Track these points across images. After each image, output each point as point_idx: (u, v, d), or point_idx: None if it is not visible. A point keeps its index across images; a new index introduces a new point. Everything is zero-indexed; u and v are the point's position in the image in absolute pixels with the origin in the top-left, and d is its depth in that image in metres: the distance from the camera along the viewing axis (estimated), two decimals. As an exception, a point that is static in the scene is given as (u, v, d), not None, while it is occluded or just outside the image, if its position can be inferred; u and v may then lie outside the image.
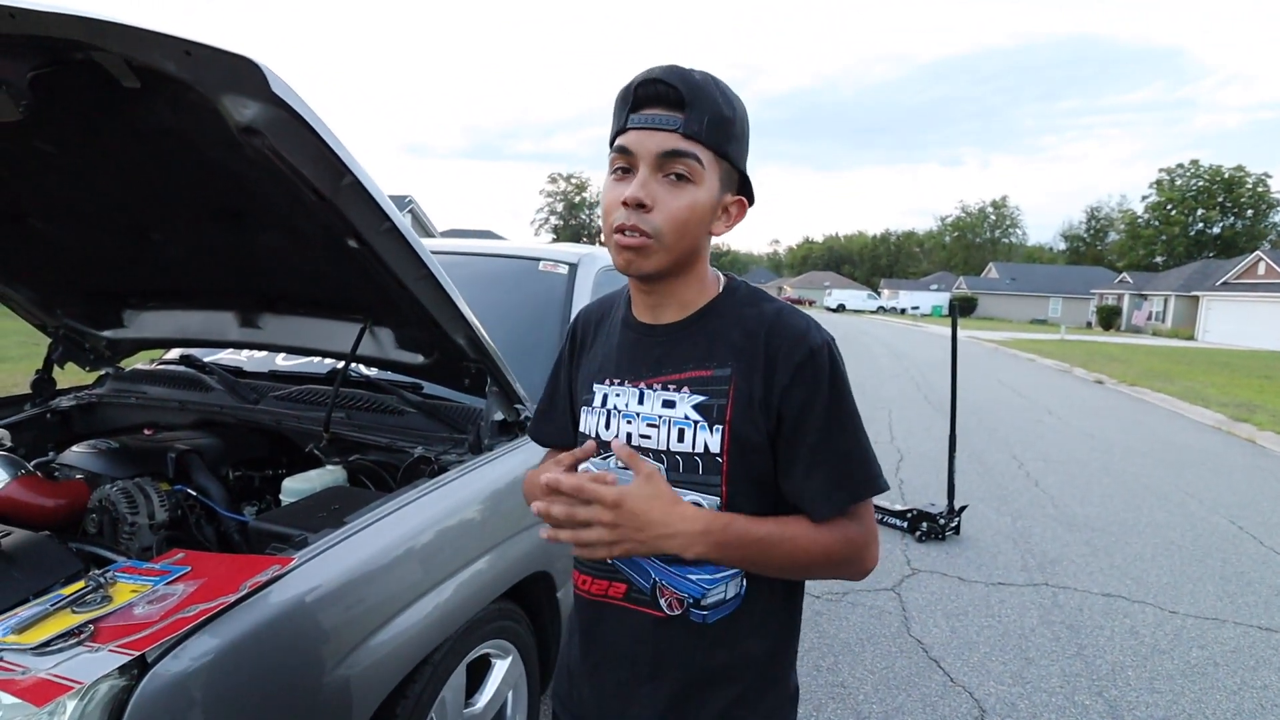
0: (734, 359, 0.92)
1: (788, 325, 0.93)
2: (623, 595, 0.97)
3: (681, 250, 0.90)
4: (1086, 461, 6.50)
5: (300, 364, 2.34)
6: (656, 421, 0.93)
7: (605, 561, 0.95)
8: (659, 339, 0.97)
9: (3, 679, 0.89)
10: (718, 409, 0.91)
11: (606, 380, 0.99)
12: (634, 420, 0.95)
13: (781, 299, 1.00)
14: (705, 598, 0.93)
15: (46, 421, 2.27)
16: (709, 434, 0.90)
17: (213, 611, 1.01)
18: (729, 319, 0.95)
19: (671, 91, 0.86)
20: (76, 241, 1.91)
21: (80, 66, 1.19)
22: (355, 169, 1.23)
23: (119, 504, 1.55)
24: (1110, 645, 3.07)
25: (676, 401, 0.92)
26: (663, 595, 0.95)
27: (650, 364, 0.96)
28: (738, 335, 0.93)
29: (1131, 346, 24.78)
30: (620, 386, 0.97)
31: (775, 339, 0.92)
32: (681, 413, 0.92)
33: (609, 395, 0.98)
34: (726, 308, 0.96)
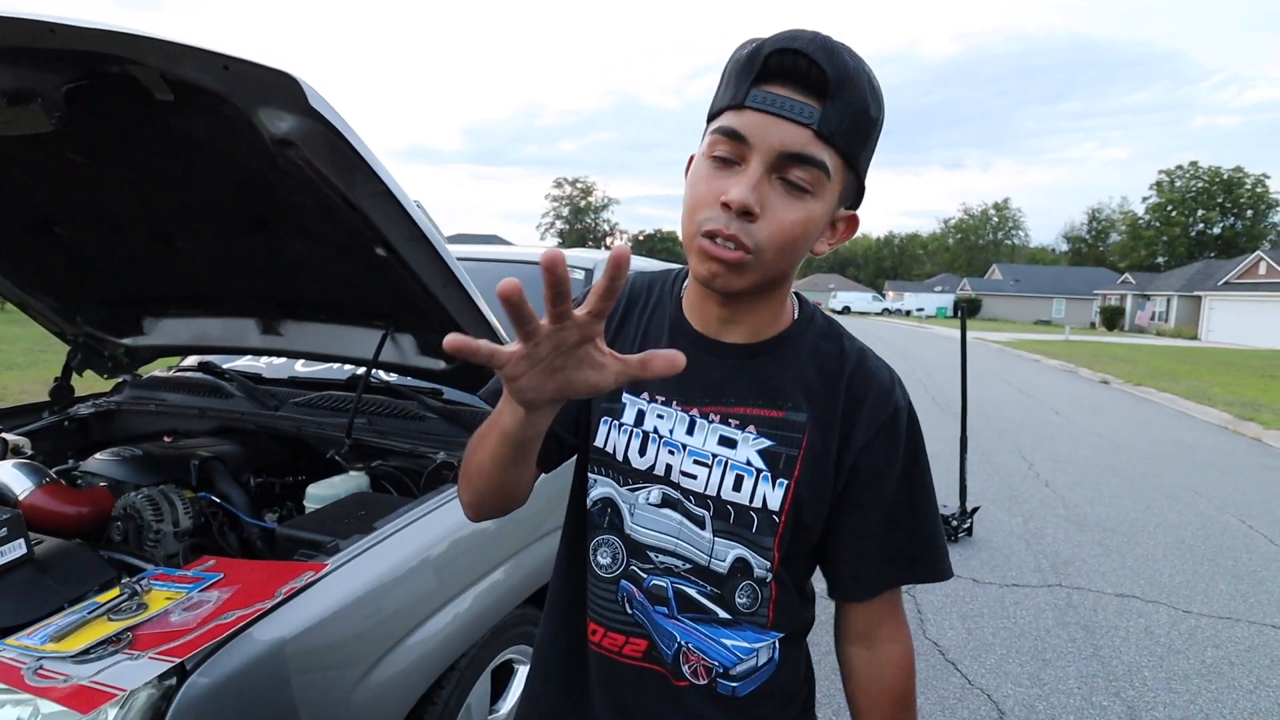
0: (809, 403, 0.78)
1: (873, 374, 0.80)
2: (641, 654, 0.82)
3: (779, 270, 0.73)
4: (1095, 461, 6.49)
5: (319, 370, 2.35)
6: (708, 460, 0.77)
7: (626, 613, 0.82)
8: (723, 360, 0.80)
9: (45, 686, 0.89)
10: (785, 460, 0.77)
11: (645, 394, 0.80)
12: (678, 452, 0.78)
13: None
14: (736, 666, 0.81)
15: (65, 429, 2.28)
16: (770, 487, 0.76)
17: (250, 618, 1.01)
18: (804, 353, 0.80)
19: (815, 70, 0.66)
20: (100, 250, 1.93)
21: (114, 79, 1.21)
22: (386, 178, 1.24)
23: (144, 511, 1.56)
24: (1126, 646, 3.06)
25: (739, 441, 0.77)
26: (686, 662, 0.81)
27: (708, 389, 0.79)
28: (813, 375, 0.79)
29: (1135, 346, 24.76)
30: (665, 407, 0.80)
31: (858, 388, 0.79)
32: (743, 456, 0.77)
33: (647, 413, 0.80)
34: (802, 338, 0.81)
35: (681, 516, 0.79)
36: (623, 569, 0.81)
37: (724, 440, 0.78)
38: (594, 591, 0.84)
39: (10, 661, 0.94)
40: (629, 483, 0.81)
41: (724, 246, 0.69)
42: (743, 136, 0.68)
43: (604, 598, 0.83)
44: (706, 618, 0.79)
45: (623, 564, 0.81)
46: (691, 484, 0.78)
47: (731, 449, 0.77)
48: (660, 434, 0.79)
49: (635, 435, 0.80)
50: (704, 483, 0.78)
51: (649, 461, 0.79)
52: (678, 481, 0.78)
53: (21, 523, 1.17)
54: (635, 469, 0.80)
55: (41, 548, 1.22)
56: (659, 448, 0.79)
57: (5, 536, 1.14)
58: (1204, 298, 35.45)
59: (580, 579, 0.86)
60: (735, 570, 0.78)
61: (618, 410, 0.81)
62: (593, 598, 0.84)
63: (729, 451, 0.77)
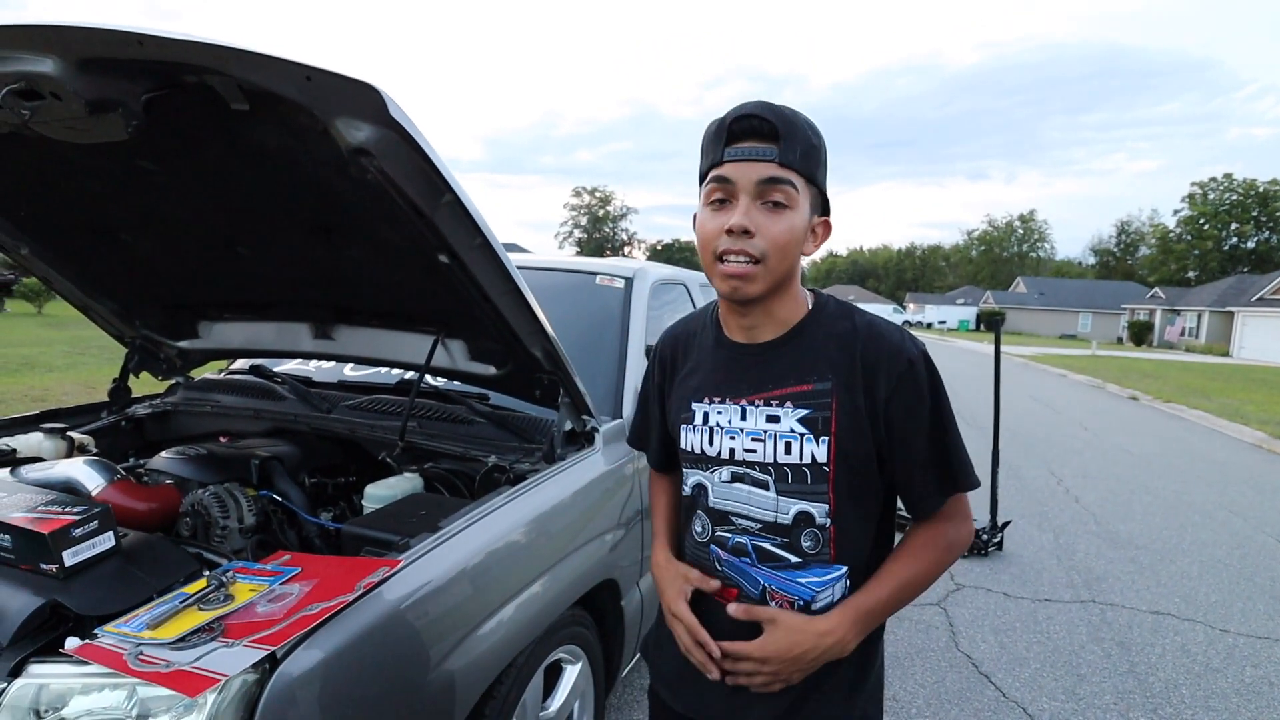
0: (832, 372, 0.97)
1: (882, 337, 0.98)
2: (736, 600, 1.03)
3: (782, 272, 0.95)
4: (1126, 478, 6.41)
5: (368, 374, 2.41)
6: (761, 436, 0.99)
7: (717, 569, 1.06)
8: (756, 357, 1.02)
9: (148, 671, 0.94)
10: (822, 421, 0.96)
11: (706, 399, 1.04)
12: (738, 436, 1.00)
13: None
14: (815, 601, 0.99)
15: (122, 429, 2.36)
16: (815, 445, 0.96)
17: (334, 610, 1.05)
18: (822, 334, 1.00)
19: (765, 125, 0.92)
20: (163, 256, 1.99)
21: (192, 89, 1.25)
22: (456, 187, 1.28)
23: (211, 508, 1.62)
24: (1162, 663, 3.02)
25: (781, 416, 0.98)
26: (773, 599, 1.00)
27: (750, 381, 1.01)
28: (833, 349, 0.98)
29: (1165, 362, 24.33)
30: (721, 404, 1.02)
31: (871, 351, 0.97)
32: (787, 426, 0.97)
33: (710, 413, 1.03)
34: (818, 323, 1.01)
35: (750, 486, 1.00)
36: (710, 535, 1.05)
37: (770, 418, 0.99)
38: (694, 554, 1.09)
39: (111, 647, 0.99)
40: (708, 467, 1.04)
41: (736, 262, 0.93)
42: (730, 179, 0.93)
43: (700, 557, 1.07)
44: (782, 563, 0.99)
45: (709, 531, 1.05)
46: (753, 457, 0.99)
47: (777, 424, 0.98)
48: (721, 426, 1.02)
49: (704, 432, 1.04)
50: (762, 454, 0.99)
51: (717, 449, 1.02)
52: (742, 459, 1.00)
53: (110, 516, 1.23)
54: (709, 456, 1.04)
55: (126, 540, 1.27)
56: (722, 437, 1.02)
57: (96, 529, 1.20)
58: (1236, 314, 34.73)
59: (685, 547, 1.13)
60: (799, 521, 0.98)
61: (690, 417, 1.06)
62: (693, 558, 1.09)
63: (775, 426, 0.98)
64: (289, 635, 0.99)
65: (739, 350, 1.04)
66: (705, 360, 1.07)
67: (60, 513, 1.21)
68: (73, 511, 1.21)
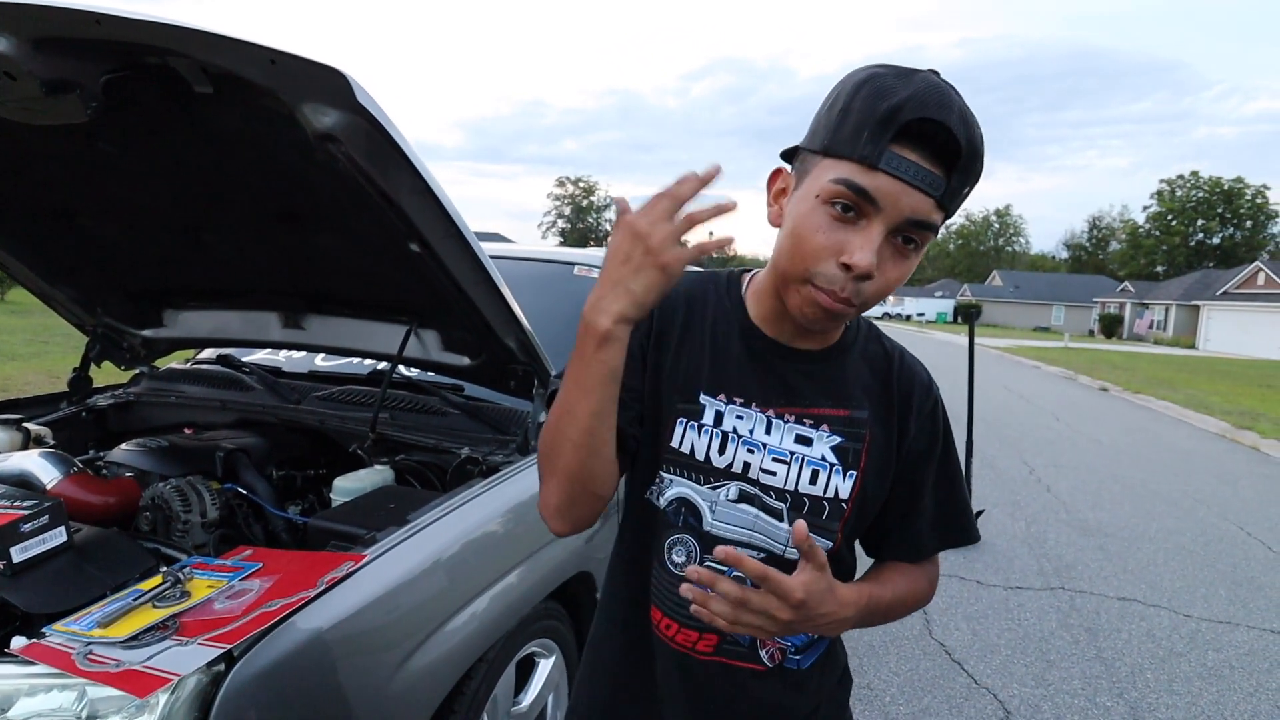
0: (869, 401, 0.86)
1: (913, 370, 0.90)
2: (713, 649, 0.86)
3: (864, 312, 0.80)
4: (1096, 467, 6.53)
5: (339, 365, 2.36)
6: (786, 458, 0.83)
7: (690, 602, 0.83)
8: (794, 365, 0.85)
9: (97, 671, 0.91)
10: (853, 453, 0.84)
11: (721, 395, 0.84)
12: (758, 451, 0.83)
13: None
14: (803, 640, 0.88)
15: (83, 420, 2.29)
16: (841, 479, 0.84)
17: (294, 606, 1.03)
18: (858, 355, 0.88)
19: (951, 144, 0.69)
20: (125, 241, 1.93)
21: (154, 71, 1.21)
22: (427, 175, 1.25)
23: (172, 502, 1.57)
24: (1128, 648, 3.09)
25: (814, 439, 0.84)
26: (764, 647, 0.87)
27: (783, 391, 0.85)
28: (868, 375, 0.87)
29: (1134, 354, 24.85)
30: (744, 408, 0.84)
31: (905, 384, 0.88)
32: (818, 453, 0.83)
33: (725, 414, 0.84)
34: (856, 342, 0.89)
35: (759, 510, 0.83)
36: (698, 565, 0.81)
37: (800, 439, 0.83)
38: (668, 588, 0.86)
39: (59, 647, 0.95)
40: (709, 481, 0.84)
41: (835, 302, 0.74)
42: (874, 199, 0.70)
43: (674, 592, 0.84)
44: None
45: (698, 559, 0.84)
46: (770, 480, 0.83)
47: (808, 446, 0.83)
48: (740, 434, 0.83)
49: (715, 435, 0.83)
50: (784, 478, 0.83)
51: (728, 460, 0.83)
52: (756, 478, 0.83)
53: (62, 510, 1.18)
54: (715, 467, 0.83)
55: (80, 535, 1.23)
56: (738, 447, 0.83)
57: (46, 524, 1.15)
58: (1202, 307, 35.58)
59: (643, 578, 0.89)
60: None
61: (696, 412, 0.84)
62: (666, 594, 0.87)
63: (805, 449, 0.83)
64: (247, 633, 0.96)
65: (775, 351, 0.85)
66: (724, 346, 0.86)
67: (9, 507, 1.17)
68: (22, 506, 1.17)
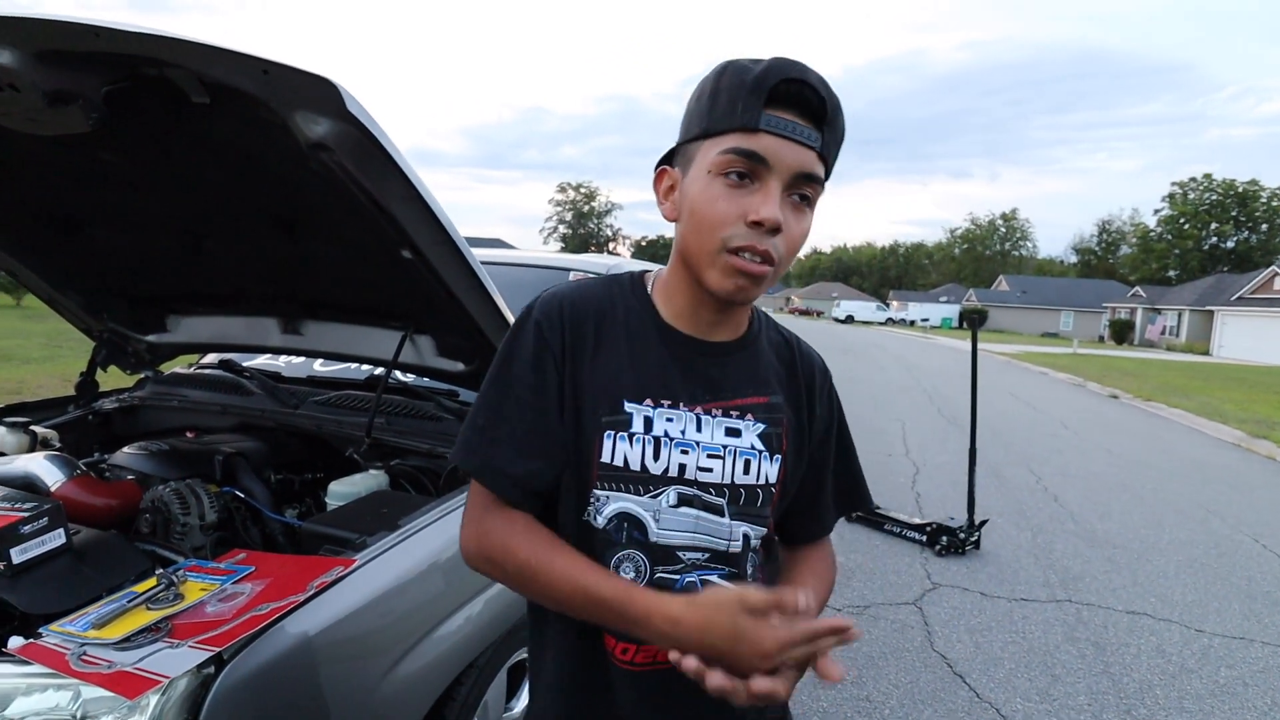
0: (779, 386, 0.90)
1: (810, 354, 0.95)
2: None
3: (780, 276, 0.82)
4: (1105, 477, 6.47)
5: (337, 370, 2.38)
6: (720, 452, 0.84)
7: None
8: (714, 359, 0.86)
9: (89, 672, 0.92)
10: (776, 438, 0.87)
11: (648, 400, 0.82)
12: (692, 450, 0.83)
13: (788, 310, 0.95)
14: None
15: (89, 423, 2.32)
16: (769, 464, 0.86)
17: (284, 610, 1.04)
18: (766, 343, 0.92)
19: (818, 102, 0.76)
20: (129, 249, 1.97)
21: (152, 82, 1.23)
22: (417, 183, 1.27)
23: (171, 505, 1.59)
24: (1137, 663, 3.05)
25: (742, 430, 0.85)
26: None
27: (707, 386, 0.85)
28: (776, 362, 0.91)
29: (1145, 361, 24.63)
30: (672, 409, 0.83)
31: (807, 369, 0.93)
32: (748, 442, 0.85)
33: (654, 419, 0.82)
34: (762, 330, 0.92)
35: (699, 510, 0.83)
36: (649, 579, 0.82)
37: (729, 431, 0.85)
38: None
39: (54, 647, 0.97)
40: (648, 490, 0.82)
41: (753, 261, 0.76)
42: (762, 158, 0.75)
43: None
44: None
45: (647, 574, 0.82)
46: (708, 477, 0.83)
47: (737, 438, 0.85)
48: (671, 436, 0.82)
49: (647, 442, 0.82)
50: (720, 473, 0.84)
51: (664, 465, 0.82)
52: (694, 478, 0.83)
53: (61, 513, 1.20)
54: (652, 474, 0.82)
55: (79, 538, 1.25)
56: (672, 449, 0.82)
57: (45, 526, 1.17)
58: (1216, 313, 35.22)
59: None
60: (744, 546, 0.86)
61: (624, 421, 0.82)
62: None
63: (736, 441, 0.85)
64: (237, 635, 0.97)
65: (693, 346, 0.86)
66: (641, 350, 0.84)
67: (10, 509, 1.19)
68: (22, 508, 1.19)
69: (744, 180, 0.76)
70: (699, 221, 0.78)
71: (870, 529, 4.58)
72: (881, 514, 4.61)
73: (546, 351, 0.83)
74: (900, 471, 6.12)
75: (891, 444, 7.27)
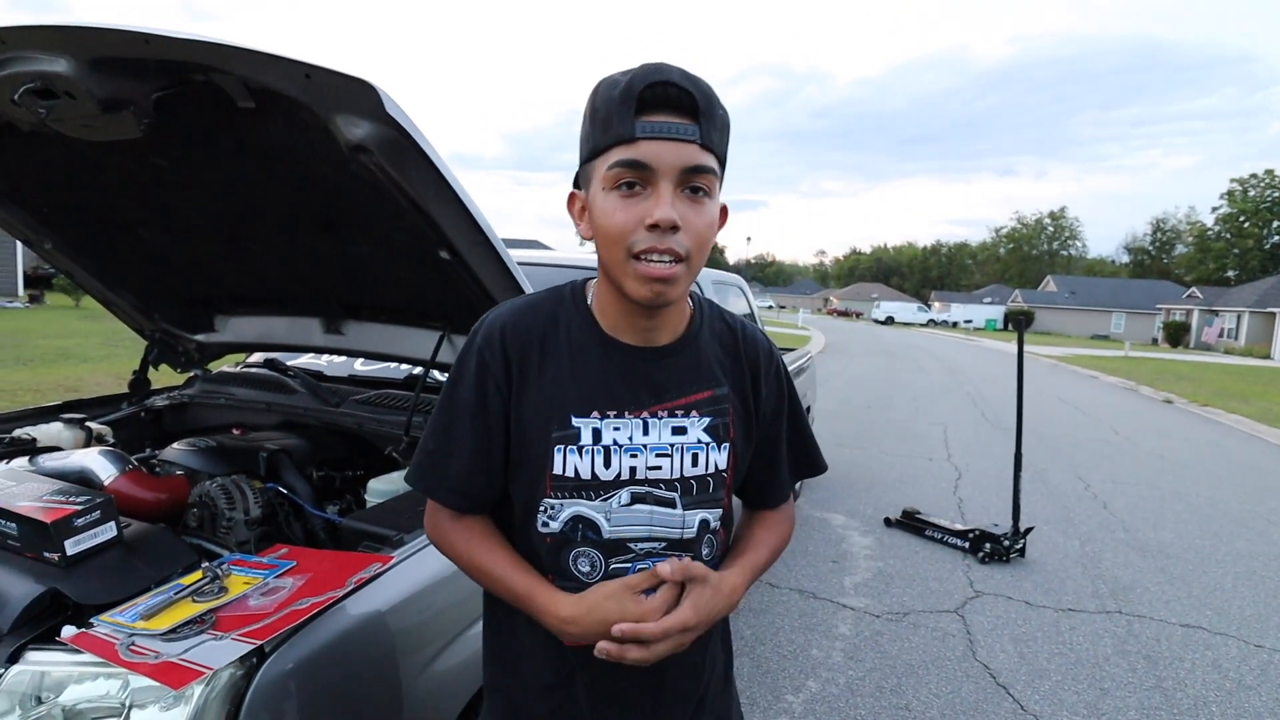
0: (725, 376, 0.94)
1: (755, 338, 0.99)
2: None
3: (698, 270, 0.84)
4: (1158, 484, 6.23)
5: (377, 369, 2.42)
6: (667, 450, 0.88)
7: None
8: (655, 363, 0.90)
9: (137, 661, 0.94)
10: (723, 428, 0.91)
11: (595, 413, 0.87)
12: (641, 453, 0.87)
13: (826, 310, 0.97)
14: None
15: (141, 420, 2.40)
16: (718, 453, 0.91)
17: (323, 605, 1.05)
18: (709, 335, 0.95)
19: (685, 96, 0.78)
20: (179, 250, 2.03)
21: (200, 88, 1.27)
22: (455, 184, 1.28)
23: (218, 500, 1.63)
24: (1191, 678, 2.93)
25: (688, 427, 0.89)
26: None
27: (651, 391, 0.89)
28: (720, 352, 0.95)
29: (1202, 365, 23.69)
30: (619, 419, 0.87)
31: (751, 354, 0.97)
32: (694, 437, 0.90)
33: (602, 430, 0.86)
34: (704, 322, 0.95)
35: (652, 506, 0.89)
36: (604, 572, 0.88)
37: (676, 430, 0.89)
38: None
39: (104, 637, 1.00)
40: (600, 494, 0.87)
41: (661, 263, 0.79)
42: (644, 164, 0.78)
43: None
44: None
45: (602, 567, 0.88)
46: (658, 474, 0.88)
47: (683, 435, 0.89)
48: (620, 444, 0.87)
49: (597, 452, 0.87)
50: (669, 469, 0.89)
51: (615, 471, 0.87)
52: (644, 478, 0.88)
53: (113, 506, 1.24)
54: (604, 481, 0.87)
55: (129, 531, 1.29)
56: (621, 456, 0.87)
57: (98, 519, 1.21)
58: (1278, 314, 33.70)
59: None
60: (700, 530, 0.91)
61: (572, 436, 0.87)
62: None
63: (682, 438, 0.89)
64: (278, 629, 0.99)
65: (634, 355, 0.89)
66: (584, 364, 0.88)
67: (65, 502, 1.23)
68: (76, 501, 1.23)
69: (635, 188, 0.79)
70: (604, 235, 0.82)
71: (910, 534, 4.49)
72: (922, 519, 4.51)
73: (488, 375, 0.88)
74: (941, 476, 5.99)
75: (932, 448, 7.12)
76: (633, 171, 0.79)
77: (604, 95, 0.80)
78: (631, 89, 0.78)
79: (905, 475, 5.98)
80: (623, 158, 0.78)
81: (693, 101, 0.78)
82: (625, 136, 0.78)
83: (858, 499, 5.22)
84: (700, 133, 0.79)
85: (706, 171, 0.80)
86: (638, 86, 0.77)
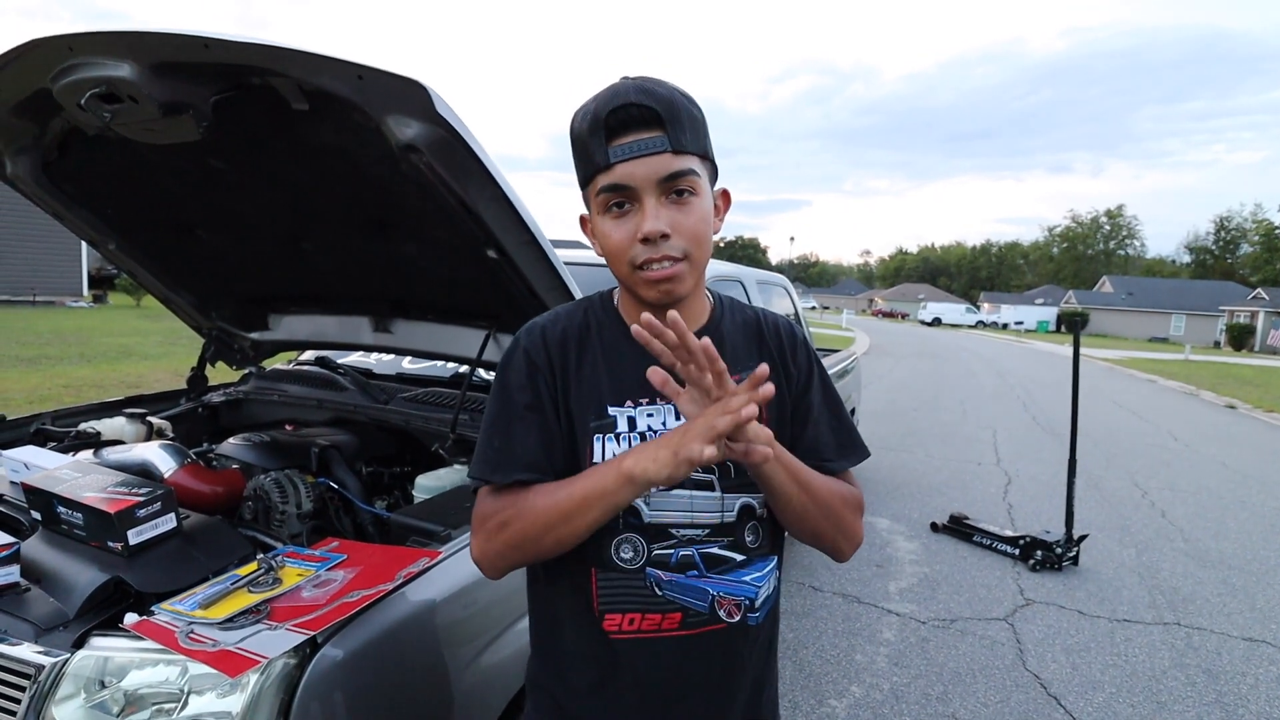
0: (753, 359, 0.95)
1: (777, 321, 1.02)
2: (678, 624, 0.91)
3: (705, 262, 0.90)
4: (1219, 493, 5.97)
5: (424, 367, 2.46)
6: None
7: (657, 595, 0.90)
8: None
9: (196, 650, 0.97)
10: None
11: (629, 401, 0.92)
12: None
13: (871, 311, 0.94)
14: (758, 597, 0.94)
15: (199, 415, 2.48)
16: None
17: (374, 598, 1.07)
18: (730, 324, 0.99)
19: (646, 112, 0.83)
20: (235, 251, 2.09)
21: (256, 90, 1.30)
22: (503, 184, 1.29)
23: (271, 493, 1.68)
24: (1255, 694, 2.80)
25: None
26: (721, 606, 0.92)
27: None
28: (745, 338, 0.99)
29: (1268, 369, 22.58)
30: (652, 406, 0.91)
31: (775, 336, 1.00)
32: None
33: (636, 417, 0.91)
34: (725, 315, 0.99)
35: (690, 491, 0.91)
36: (646, 558, 0.90)
37: None
38: (616, 586, 0.91)
39: (165, 624, 1.03)
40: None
41: (661, 267, 0.85)
42: (624, 185, 0.84)
43: (631, 588, 0.90)
44: (728, 565, 0.92)
45: (645, 553, 0.90)
46: None
47: None
48: (654, 429, 0.90)
49: (633, 439, 0.90)
50: None
51: None
52: None
53: (173, 498, 1.28)
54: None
55: (188, 522, 1.33)
56: None
57: (159, 510, 1.26)
58: (1351, 317, 31.94)
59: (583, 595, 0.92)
60: (742, 515, 0.92)
61: (609, 425, 0.90)
62: (615, 593, 0.91)
63: None
64: (330, 620, 1.01)
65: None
66: (617, 358, 0.93)
67: (128, 494, 1.28)
68: (139, 493, 1.27)
69: (624, 207, 0.85)
70: (608, 254, 0.88)
71: (958, 540, 4.38)
72: (970, 524, 4.40)
73: (537, 372, 0.92)
74: (991, 481, 5.83)
75: (981, 452, 6.94)
76: (617, 194, 0.85)
77: (578, 128, 0.87)
78: (598, 118, 0.84)
79: (952, 479, 5.84)
80: (605, 183, 0.85)
81: (655, 115, 0.83)
82: (602, 165, 0.84)
83: (903, 503, 5.12)
84: (669, 140, 0.83)
85: (684, 174, 0.84)
86: (603, 114, 0.83)
